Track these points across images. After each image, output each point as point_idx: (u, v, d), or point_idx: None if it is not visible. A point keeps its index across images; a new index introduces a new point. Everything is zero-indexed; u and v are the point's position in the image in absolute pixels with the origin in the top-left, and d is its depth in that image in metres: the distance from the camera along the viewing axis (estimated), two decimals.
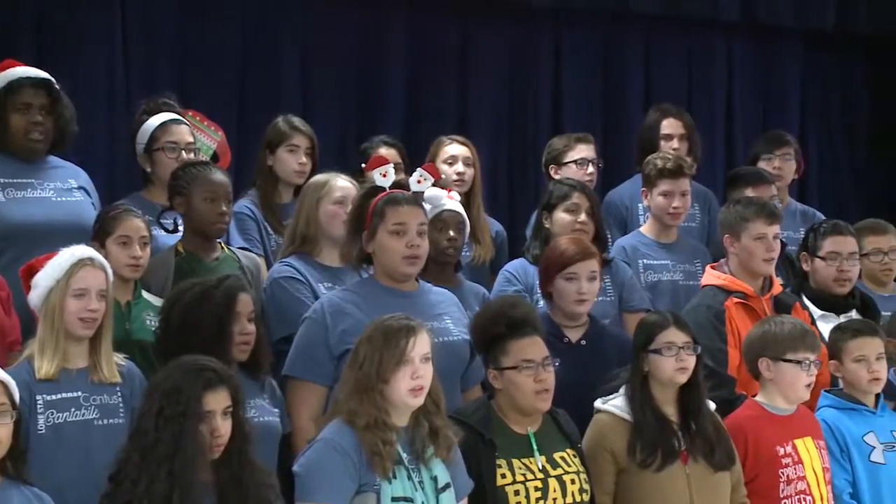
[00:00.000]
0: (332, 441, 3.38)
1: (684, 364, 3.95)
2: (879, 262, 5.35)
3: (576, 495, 3.75)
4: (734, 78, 7.59)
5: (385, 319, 3.50)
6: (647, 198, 5.36)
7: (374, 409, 3.39)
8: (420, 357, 3.44)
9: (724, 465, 3.97)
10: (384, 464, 3.34)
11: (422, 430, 3.48)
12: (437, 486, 3.45)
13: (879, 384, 4.42)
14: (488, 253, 5.34)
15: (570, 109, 7.09)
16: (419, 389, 3.44)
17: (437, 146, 5.52)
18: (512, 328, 3.82)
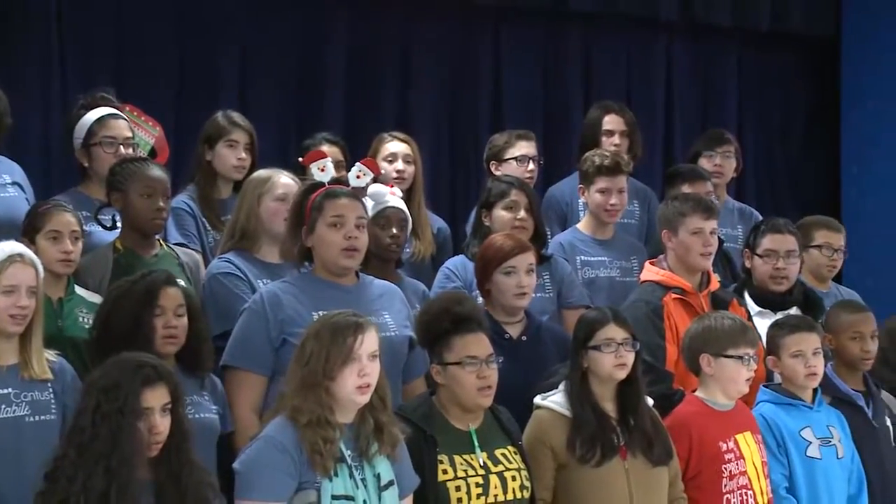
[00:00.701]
0: (273, 438, 3.36)
1: (623, 360, 3.96)
2: (828, 257, 5.41)
3: (517, 492, 3.75)
4: (673, 76, 7.65)
5: (333, 316, 3.48)
6: (584, 194, 5.38)
7: (318, 407, 3.37)
8: (367, 355, 3.42)
9: (662, 460, 3.99)
10: (324, 462, 3.32)
11: (367, 427, 3.46)
12: (379, 484, 3.43)
13: (816, 379, 4.46)
14: (429, 249, 5.34)
15: (511, 106, 7.11)
16: (365, 387, 3.42)
17: (378, 143, 5.51)
18: (456, 324, 3.81)
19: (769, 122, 7.94)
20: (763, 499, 4.20)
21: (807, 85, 8.02)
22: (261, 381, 3.96)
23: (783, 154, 7.94)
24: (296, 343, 3.75)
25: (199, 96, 6.25)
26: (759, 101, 7.92)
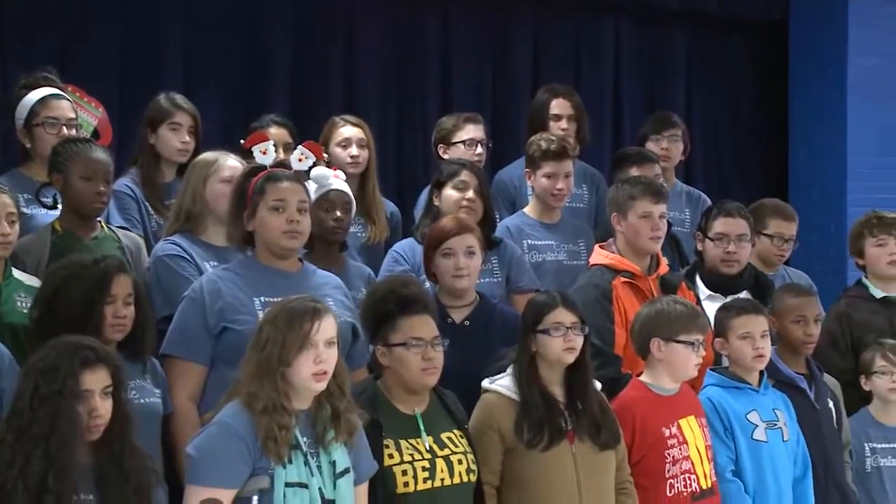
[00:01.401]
0: (227, 424, 3.32)
1: (572, 344, 3.96)
2: (778, 247, 5.43)
3: (463, 475, 3.74)
4: (621, 59, 7.66)
5: (290, 301, 3.45)
6: (530, 179, 5.38)
7: (274, 393, 3.34)
8: (324, 341, 3.40)
9: (609, 445, 4.00)
10: (278, 449, 3.30)
11: (324, 414, 3.44)
12: (335, 471, 3.41)
13: (764, 361, 4.48)
14: (383, 233, 5.32)
15: (459, 89, 7.10)
16: (322, 374, 3.39)
17: (331, 128, 5.47)
18: (402, 306, 3.79)
19: (717, 105, 7.97)
20: (707, 482, 4.22)
21: (755, 68, 8.06)
22: (199, 370, 3.95)
23: (731, 137, 7.97)
24: (237, 330, 3.78)
25: (143, 78, 6.19)
26: (708, 85, 7.95)
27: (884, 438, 5.03)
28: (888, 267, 5.46)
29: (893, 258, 5.45)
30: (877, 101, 7.47)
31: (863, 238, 5.53)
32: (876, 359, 5.05)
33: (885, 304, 5.43)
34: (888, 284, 5.48)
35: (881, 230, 5.48)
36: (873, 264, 5.49)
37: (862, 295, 5.47)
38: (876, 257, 5.48)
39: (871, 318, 5.37)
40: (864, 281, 5.53)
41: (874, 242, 5.49)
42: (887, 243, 5.47)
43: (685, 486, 4.17)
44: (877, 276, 5.49)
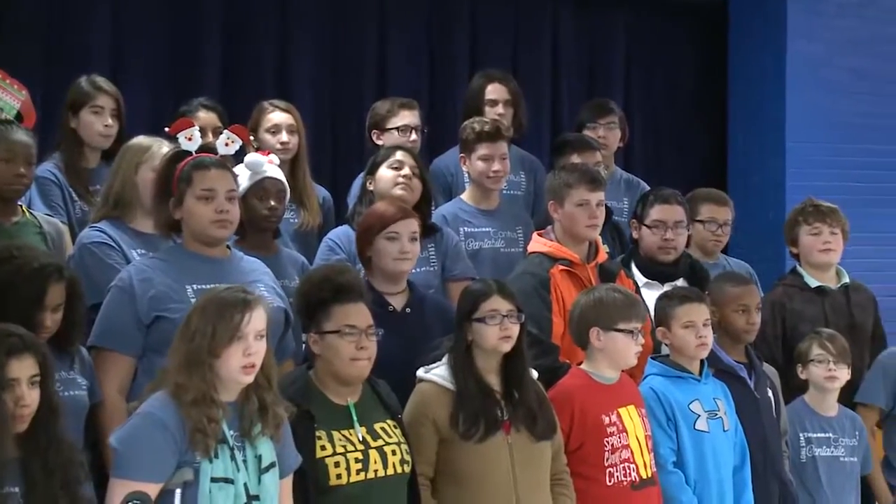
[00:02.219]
0: (154, 415, 3.27)
1: (508, 332, 3.95)
2: (713, 232, 5.47)
3: (397, 466, 3.71)
4: (559, 43, 7.64)
5: (221, 291, 3.41)
6: (465, 164, 5.35)
7: (203, 384, 3.30)
8: (255, 333, 3.36)
9: (545, 435, 3.99)
10: (206, 441, 3.25)
11: (251, 407, 3.39)
12: (260, 466, 3.37)
13: (706, 350, 4.51)
14: (316, 219, 5.29)
15: (395, 73, 7.05)
16: (250, 367, 3.35)
17: (260, 113, 5.41)
18: (337, 293, 3.76)
19: (657, 91, 7.98)
20: (647, 472, 4.22)
21: (695, 54, 8.08)
22: (128, 361, 3.91)
23: (671, 124, 8.00)
24: (171, 318, 3.71)
25: (68, 58, 6.08)
26: (647, 70, 7.96)
27: (819, 428, 5.08)
28: (820, 255, 5.50)
29: (826, 247, 5.50)
30: (817, 88, 7.53)
31: (797, 226, 5.58)
32: (813, 347, 5.10)
33: (819, 293, 5.49)
34: (823, 273, 5.53)
35: (815, 218, 5.53)
36: (807, 253, 5.54)
37: (797, 284, 5.51)
38: (809, 246, 5.53)
39: (805, 308, 5.43)
40: (799, 270, 5.58)
41: (808, 231, 5.54)
42: (821, 232, 5.52)
43: (625, 475, 4.17)
44: (810, 264, 5.54)
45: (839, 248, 5.55)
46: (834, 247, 5.52)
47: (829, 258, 5.52)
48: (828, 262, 5.53)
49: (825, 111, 7.55)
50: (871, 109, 7.67)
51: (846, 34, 7.64)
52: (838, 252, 5.56)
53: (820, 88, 7.54)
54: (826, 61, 7.57)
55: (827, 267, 5.54)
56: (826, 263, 5.53)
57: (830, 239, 5.51)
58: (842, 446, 5.07)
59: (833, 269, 5.58)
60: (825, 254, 5.51)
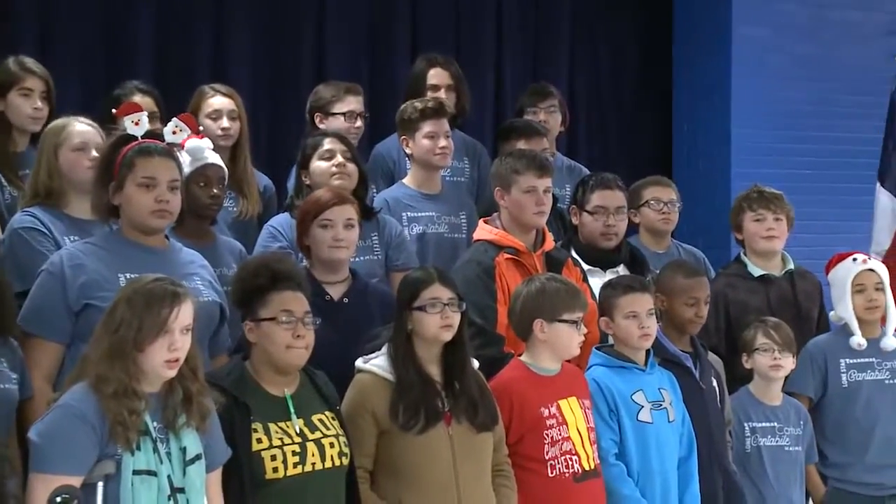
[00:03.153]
0: (73, 407, 3.24)
1: (449, 321, 3.94)
2: (659, 211, 5.52)
3: (335, 459, 3.69)
4: (503, 28, 7.63)
5: (148, 282, 3.37)
6: (408, 144, 5.32)
7: (126, 376, 3.26)
8: (181, 328, 3.33)
9: (487, 426, 3.98)
10: (127, 434, 3.22)
11: (175, 398, 3.37)
12: (185, 458, 3.34)
13: (649, 340, 4.50)
14: (255, 208, 5.25)
15: (334, 57, 7.01)
16: (174, 362, 3.33)
17: (200, 97, 5.36)
18: (275, 281, 3.73)
19: (602, 76, 8.00)
20: (589, 464, 4.22)
21: (640, 40, 8.11)
22: (56, 348, 3.86)
23: (616, 109, 8.02)
24: (100, 307, 3.64)
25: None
26: (592, 55, 7.98)
27: (764, 417, 5.10)
28: (763, 242, 5.53)
29: (770, 234, 5.53)
30: (762, 73, 7.58)
31: (742, 212, 5.61)
32: (758, 336, 5.11)
33: (763, 281, 5.51)
34: (766, 262, 5.56)
35: (760, 205, 5.57)
36: (750, 239, 5.57)
37: (740, 273, 5.54)
38: (753, 232, 5.56)
39: (749, 298, 5.46)
40: (742, 258, 5.61)
41: (752, 217, 5.57)
42: (765, 218, 5.55)
43: (567, 468, 4.17)
44: (754, 251, 5.57)
45: (783, 235, 5.58)
46: (777, 234, 5.55)
47: (772, 245, 5.54)
48: (771, 249, 5.55)
49: (770, 97, 7.61)
50: (817, 96, 7.74)
51: (791, 20, 7.71)
52: (782, 239, 5.58)
53: (765, 74, 7.60)
54: (771, 47, 7.63)
55: (771, 254, 5.57)
56: (769, 250, 5.55)
57: (774, 226, 5.54)
58: (787, 435, 5.08)
59: (778, 256, 5.60)
60: (768, 241, 5.53)
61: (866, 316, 5.35)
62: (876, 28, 7.79)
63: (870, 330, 5.36)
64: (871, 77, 7.62)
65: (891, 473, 5.29)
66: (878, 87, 7.26)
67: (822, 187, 7.60)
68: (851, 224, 7.35)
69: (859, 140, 7.54)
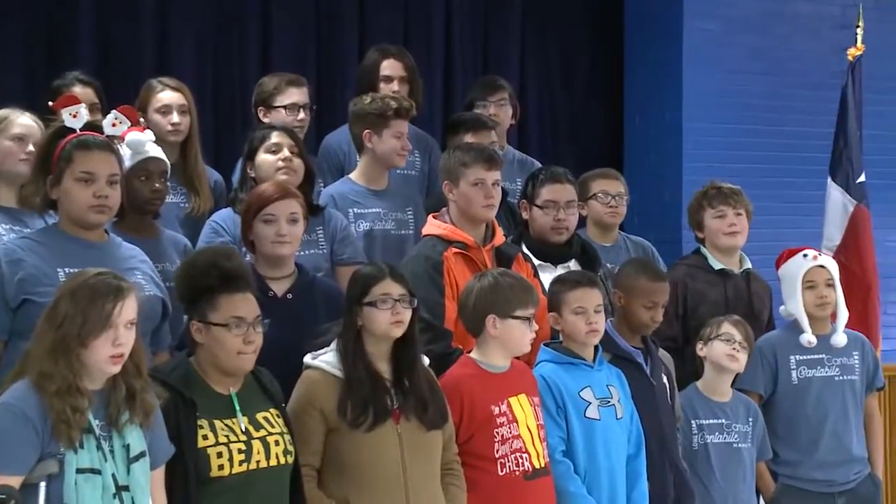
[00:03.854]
0: (14, 405, 3.22)
1: (400, 318, 3.95)
2: (607, 204, 5.54)
3: (280, 457, 3.69)
4: (453, 19, 7.61)
5: (91, 277, 3.35)
6: (370, 140, 5.29)
7: (70, 373, 3.26)
8: (125, 323, 3.32)
9: (436, 424, 3.99)
10: (70, 432, 3.21)
11: (118, 395, 3.36)
12: (129, 455, 3.33)
13: (597, 336, 4.52)
14: (207, 204, 5.22)
15: (281, 49, 6.97)
16: (118, 357, 3.32)
17: (148, 92, 5.33)
18: (225, 281, 3.72)
19: (552, 70, 7.99)
20: (540, 462, 4.24)
21: (591, 32, 8.10)
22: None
23: (566, 103, 8.01)
24: (39, 303, 3.64)
25: None
26: (543, 47, 7.95)
27: (712, 414, 5.12)
28: (726, 238, 5.58)
29: (732, 230, 5.59)
30: (714, 67, 7.60)
31: (702, 210, 5.65)
32: (723, 325, 5.13)
33: (722, 275, 5.56)
34: (726, 257, 5.61)
35: (719, 201, 5.61)
36: (713, 236, 5.61)
37: (700, 265, 5.59)
38: (715, 229, 5.60)
39: (707, 290, 5.50)
40: (702, 251, 5.65)
41: (713, 214, 5.61)
42: (726, 214, 5.60)
43: (517, 466, 4.18)
44: (717, 248, 5.60)
45: (745, 230, 5.64)
46: (739, 229, 5.61)
47: (735, 241, 5.61)
48: (734, 245, 5.61)
49: (722, 90, 7.63)
50: (768, 89, 7.77)
51: (743, 13, 7.73)
52: (744, 234, 5.64)
53: (717, 67, 7.62)
54: (723, 40, 7.64)
55: (733, 250, 5.63)
56: (732, 246, 5.61)
57: (735, 221, 5.60)
58: (735, 432, 5.11)
59: (737, 254, 5.66)
60: (731, 237, 5.59)
61: (816, 312, 5.40)
62: (827, 21, 7.82)
63: (820, 326, 5.41)
64: (822, 71, 7.67)
65: (841, 470, 5.35)
66: (829, 82, 7.30)
67: (774, 182, 7.62)
68: (803, 219, 7.39)
69: (811, 134, 7.58)
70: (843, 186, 6.81)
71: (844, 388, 5.39)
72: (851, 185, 6.79)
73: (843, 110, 6.85)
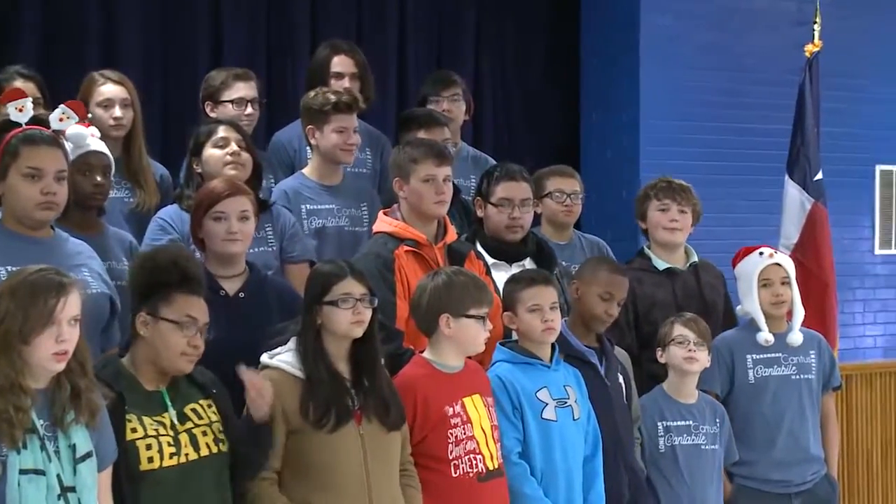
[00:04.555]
0: None
1: (361, 317, 3.96)
2: (562, 203, 5.55)
3: (210, 446, 3.71)
4: (407, 14, 7.61)
5: (32, 273, 3.35)
6: (314, 136, 5.31)
7: (11, 371, 3.25)
8: (68, 319, 3.31)
9: (397, 425, 4.01)
10: (13, 432, 3.20)
11: (63, 394, 3.35)
12: (74, 456, 3.32)
13: (553, 334, 4.53)
14: (153, 199, 5.21)
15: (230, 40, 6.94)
16: (62, 354, 3.31)
17: (90, 85, 5.30)
18: (184, 281, 3.73)
19: (508, 64, 8.01)
20: (493, 463, 4.25)
21: (547, 28, 8.12)
22: None
23: (522, 99, 8.03)
24: None
25: None
26: (498, 42, 7.96)
27: (679, 416, 5.13)
28: (665, 233, 5.61)
29: (672, 225, 5.61)
30: (671, 62, 7.63)
31: (648, 200, 5.67)
32: (675, 328, 5.14)
33: (668, 275, 5.59)
34: (670, 254, 5.64)
35: (665, 195, 5.64)
36: (653, 229, 5.64)
37: (645, 267, 5.61)
38: (656, 222, 5.63)
39: (655, 292, 5.53)
40: (646, 252, 5.68)
41: (657, 206, 5.64)
42: (669, 209, 5.62)
43: (471, 467, 4.19)
44: (657, 242, 5.63)
45: (686, 228, 5.67)
46: (680, 226, 5.63)
47: (673, 237, 5.63)
48: (672, 241, 5.63)
49: (679, 87, 7.67)
50: (726, 86, 7.82)
51: (699, 8, 7.78)
52: (685, 232, 5.67)
53: (674, 63, 7.66)
54: (680, 35, 7.68)
55: (673, 247, 5.65)
56: (670, 242, 5.63)
57: (678, 217, 5.63)
58: (702, 434, 5.12)
59: (681, 249, 5.69)
60: (670, 232, 5.61)
61: (773, 311, 5.43)
62: (785, 17, 7.88)
63: (776, 325, 5.45)
64: (780, 67, 7.72)
65: (797, 470, 5.39)
66: (787, 78, 7.36)
67: (731, 179, 7.68)
68: (760, 217, 7.44)
69: (768, 132, 7.63)
70: (801, 184, 6.84)
71: (801, 387, 5.43)
72: (809, 182, 6.83)
73: (801, 107, 6.89)
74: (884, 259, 8.56)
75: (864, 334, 8.50)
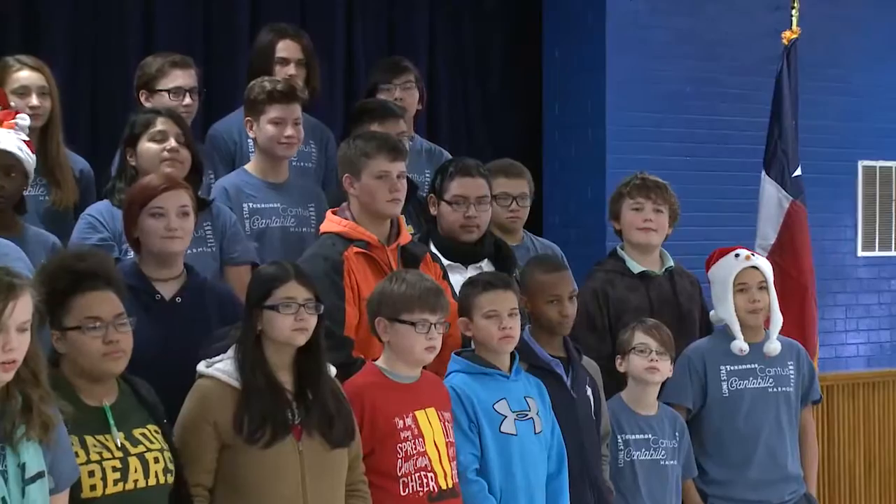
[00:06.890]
0: None
1: (304, 324, 3.95)
2: (507, 207, 5.50)
3: (160, 476, 3.68)
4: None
5: None
6: (252, 128, 5.32)
7: None
8: (17, 325, 3.26)
9: (342, 442, 3.99)
10: None
11: (13, 406, 3.29)
12: (24, 476, 3.28)
13: (512, 342, 4.53)
14: (71, 196, 5.18)
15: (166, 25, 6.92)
16: (10, 364, 3.26)
17: (4, 72, 5.26)
18: (76, 283, 3.69)
19: (465, 53, 8.01)
20: (447, 482, 4.25)
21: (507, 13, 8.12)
22: None
23: (480, 90, 8.03)
24: None
25: None
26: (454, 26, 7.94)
27: (638, 429, 5.14)
28: (639, 234, 5.59)
29: (647, 226, 5.59)
30: (640, 50, 7.66)
31: (621, 199, 5.65)
32: (635, 335, 5.15)
33: (643, 278, 5.57)
34: (645, 257, 5.62)
35: (639, 193, 5.61)
36: (626, 230, 5.62)
37: (618, 269, 5.59)
38: (629, 222, 5.61)
39: (629, 296, 5.52)
40: (619, 253, 5.66)
41: (631, 205, 5.62)
42: (643, 208, 5.60)
43: (421, 486, 4.20)
44: (630, 244, 5.62)
45: (662, 229, 5.64)
46: (656, 227, 5.61)
47: (648, 238, 5.61)
48: (647, 243, 5.62)
49: (649, 77, 7.70)
50: (699, 75, 7.86)
51: None
52: (661, 233, 5.64)
53: (643, 51, 7.68)
54: (649, 21, 7.71)
55: (648, 248, 5.63)
56: (645, 243, 5.62)
57: (653, 217, 5.61)
58: (662, 448, 5.14)
59: (656, 252, 5.68)
60: (644, 233, 5.59)
61: (749, 318, 5.42)
62: (761, 2, 7.91)
63: (752, 333, 5.44)
64: (756, 55, 7.78)
65: (775, 490, 5.40)
66: (763, 67, 7.41)
67: (704, 175, 7.72)
68: (735, 216, 7.48)
69: (744, 124, 7.69)
70: (778, 181, 6.87)
71: (779, 401, 5.43)
72: (787, 179, 6.85)
73: (778, 98, 6.91)
74: (867, 261, 8.65)
75: (846, 342, 8.58)
